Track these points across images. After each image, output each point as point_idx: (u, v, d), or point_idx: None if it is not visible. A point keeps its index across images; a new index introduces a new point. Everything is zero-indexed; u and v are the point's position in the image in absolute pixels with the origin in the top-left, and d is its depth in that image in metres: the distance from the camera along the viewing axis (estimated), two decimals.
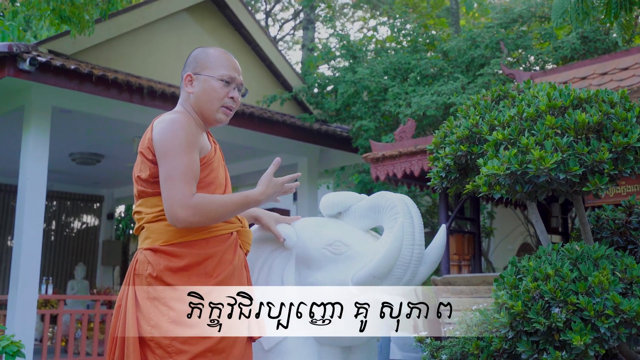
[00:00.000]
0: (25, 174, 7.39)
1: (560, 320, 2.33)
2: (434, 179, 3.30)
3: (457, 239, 6.45)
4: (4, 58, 6.80)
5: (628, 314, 2.25)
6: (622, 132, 2.48)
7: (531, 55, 7.65)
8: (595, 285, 2.34)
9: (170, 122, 2.41)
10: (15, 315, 7.10)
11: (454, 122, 3.23)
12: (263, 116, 8.72)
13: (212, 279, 2.42)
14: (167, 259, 2.38)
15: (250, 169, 11.25)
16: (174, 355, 2.30)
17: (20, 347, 4.12)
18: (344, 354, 3.07)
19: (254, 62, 9.80)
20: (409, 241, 2.85)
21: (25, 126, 7.53)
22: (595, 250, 2.47)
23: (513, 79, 7.23)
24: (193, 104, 2.55)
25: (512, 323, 2.48)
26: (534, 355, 2.43)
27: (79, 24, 6.32)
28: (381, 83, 8.13)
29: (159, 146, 2.37)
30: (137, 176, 2.48)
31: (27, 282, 7.19)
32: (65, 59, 7.47)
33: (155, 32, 8.78)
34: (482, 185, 2.69)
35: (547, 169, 2.42)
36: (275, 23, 23.81)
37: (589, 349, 2.30)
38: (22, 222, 7.28)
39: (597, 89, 2.67)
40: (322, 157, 10.44)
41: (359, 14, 22.70)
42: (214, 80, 2.53)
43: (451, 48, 7.98)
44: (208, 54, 2.59)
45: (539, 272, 2.44)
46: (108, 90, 7.53)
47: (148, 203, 2.47)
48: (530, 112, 2.64)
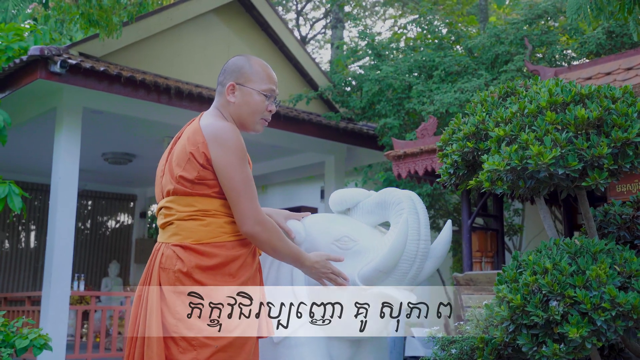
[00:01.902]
0: (58, 174, 7.59)
1: (557, 313, 2.36)
2: (443, 175, 3.35)
3: (480, 235, 6.45)
4: (36, 61, 6.99)
5: (624, 307, 2.27)
6: (622, 127, 2.50)
7: (556, 51, 7.60)
8: (593, 278, 2.36)
9: (225, 129, 2.53)
10: (48, 311, 7.29)
11: (462, 119, 3.27)
12: (289, 115, 8.82)
13: (236, 280, 2.53)
14: (198, 257, 2.48)
15: (279, 167, 11.36)
16: (197, 348, 2.40)
17: (47, 340, 4.26)
18: (352, 347, 3.14)
19: (280, 61, 9.90)
20: (414, 236, 2.90)
21: (58, 127, 7.73)
22: (594, 245, 2.50)
23: (537, 76, 7.20)
24: (232, 112, 2.67)
25: (513, 316, 2.51)
26: (534, 347, 2.46)
27: (107, 27, 6.48)
28: (405, 81, 8.15)
29: (220, 154, 2.49)
30: (180, 175, 2.54)
31: (59, 279, 7.38)
32: (95, 61, 7.65)
33: (183, 34, 8.93)
34: (484, 181, 2.73)
35: (546, 164, 2.46)
36: (306, 22, 23.91)
37: (586, 342, 2.33)
38: (54, 220, 7.48)
39: (599, 85, 2.69)
40: (350, 155, 10.50)
41: (390, 12, 22.66)
42: (256, 94, 2.66)
43: (475, 45, 7.97)
44: (252, 66, 2.68)
45: (538, 266, 2.47)
46: (136, 91, 7.70)
47: (182, 201, 2.55)
48: (531, 108, 2.67)
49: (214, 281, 2.48)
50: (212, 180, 2.52)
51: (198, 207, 2.52)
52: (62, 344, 7.22)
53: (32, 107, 8.21)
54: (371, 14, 23.27)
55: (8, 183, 6.73)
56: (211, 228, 2.52)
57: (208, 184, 2.52)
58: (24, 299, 8.30)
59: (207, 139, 2.51)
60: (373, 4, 22.36)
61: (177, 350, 2.42)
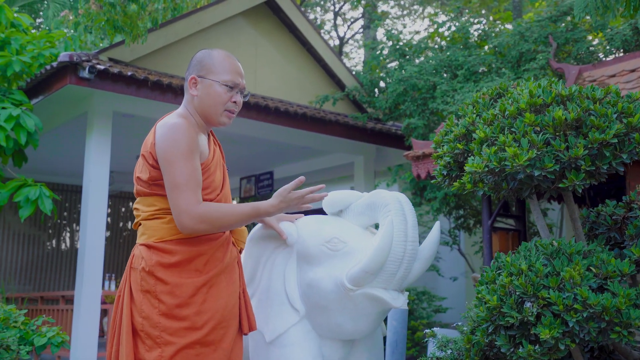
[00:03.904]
0: (89, 176, 7.79)
1: (532, 314, 2.37)
2: (437, 176, 3.37)
3: (501, 236, 6.41)
4: (65, 67, 7.19)
5: (595, 308, 2.27)
6: (600, 128, 2.48)
7: (581, 49, 7.48)
8: (567, 280, 2.36)
9: (171, 128, 2.52)
10: (80, 310, 7.49)
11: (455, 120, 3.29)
12: (315, 116, 8.87)
13: (202, 276, 2.55)
14: (159, 255, 2.53)
15: (310, 168, 11.43)
16: (162, 345, 2.45)
17: (64, 338, 4.41)
18: (345, 347, 3.18)
19: (308, 62, 9.97)
20: (401, 237, 2.92)
21: (89, 131, 7.94)
22: (570, 246, 2.49)
23: (562, 73, 7.10)
24: (197, 107, 2.67)
25: (491, 317, 2.53)
26: (511, 348, 2.47)
27: (131, 33, 6.64)
28: (430, 80, 8.13)
29: (161, 153, 2.51)
30: (137, 177, 2.64)
31: (91, 279, 7.57)
32: (124, 66, 7.83)
33: (211, 37, 9.06)
34: (467, 183, 2.75)
35: (522, 166, 2.46)
36: (344, 22, 23.93)
37: (559, 343, 2.33)
38: (86, 221, 7.68)
39: (580, 86, 2.68)
40: (379, 155, 10.50)
41: (429, 10, 22.53)
42: (217, 85, 2.64)
43: (500, 43, 7.90)
44: (212, 58, 2.68)
45: (514, 267, 2.48)
46: (164, 94, 7.85)
47: (145, 202, 2.63)
48: (511, 110, 2.67)
49: (178, 278, 2.50)
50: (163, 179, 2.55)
51: (159, 206, 2.57)
52: (93, 342, 7.41)
53: (64, 111, 8.45)
54: (410, 12, 23.21)
55: (39, 186, 6.95)
56: (172, 225, 2.54)
57: (161, 184, 2.55)
58: (58, 298, 8.54)
59: (155, 139, 2.54)
60: (412, 2, 22.29)
61: (144, 349, 2.47)
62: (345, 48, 23.43)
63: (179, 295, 2.49)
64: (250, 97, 8.47)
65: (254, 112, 8.42)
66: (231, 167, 11.76)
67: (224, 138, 9.57)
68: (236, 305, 2.67)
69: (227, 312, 2.58)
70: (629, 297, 2.28)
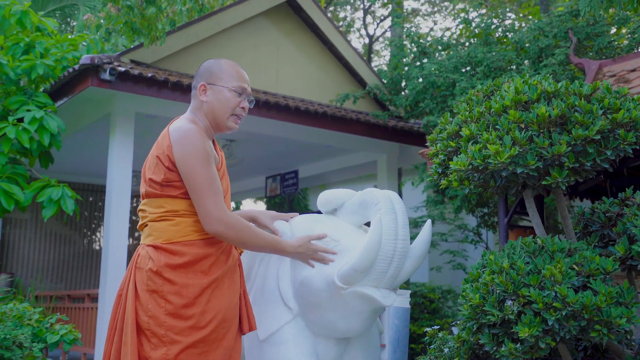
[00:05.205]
0: (112, 177, 7.91)
1: (512, 312, 2.36)
2: (433, 174, 3.36)
3: (517, 234, 6.34)
4: (87, 69, 7.32)
5: (574, 306, 2.24)
6: (584, 124, 2.46)
7: (602, 43, 7.35)
8: (547, 278, 2.34)
9: (187, 132, 2.64)
10: (104, 308, 7.62)
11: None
12: (336, 115, 8.88)
13: (207, 277, 2.64)
14: (167, 256, 2.61)
15: (333, 167, 11.44)
16: (168, 344, 2.53)
17: (77, 336, 4.51)
18: (339, 345, 3.19)
19: (330, 61, 9.98)
20: (391, 236, 2.92)
21: (112, 132, 8.07)
22: (552, 244, 2.47)
23: (582, 68, 6.99)
24: (206, 112, 2.79)
25: (475, 316, 2.52)
26: (494, 347, 2.46)
27: (149, 35, 6.74)
28: (449, 77, 8.09)
29: (181, 156, 2.61)
30: (150, 178, 2.70)
31: (114, 277, 7.69)
32: (145, 68, 7.94)
33: (232, 37, 9.13)
34: (453, 181, 2.74)
35: (504, 163, 2.45)
36: (374, 20, 23.88)
37: (540, 341, 2.31)
38: (109, 221, 7.81)
39: (567, 82, 2.65)
40: (402, 153, 10.46)
41: (460, 6, 22.35)
42: (227, 91, 2.78)
43: (520, 39, 7.82)
44: (221, 66, 2.82)
45: (496, 265, 2.47)
46: (184, 95, 7.94)
47: (154, 203, 2.71)
48: (496, 107, 2.65)
49: (185, 279, 2.60)
50: (178, 181, 2.64)
51: (168, 208, 2.65)
52: None
53: (87, 113, 8.60)
54: (441, 8, 23.07)
55: (62, 186, 7.09)
56: (180, 227, 2.64)
57: (175, 186, 2.64)
58: (84, 296, 8.70)
59: (172, 142, 2.63)
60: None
61: (149, 347, 2.55)
62: (375, 46, 23.38)
63: (185, 296, 2.57)
64: (271, 97, 8.52)
65: (274, 111, 8.47)
66: (256, 167, 11.84)
67: (249, 138, 9.66)
68: (237, 306, 2.76)
69: (229, 312, 2.68)
70: (610, 295, 2.26)
